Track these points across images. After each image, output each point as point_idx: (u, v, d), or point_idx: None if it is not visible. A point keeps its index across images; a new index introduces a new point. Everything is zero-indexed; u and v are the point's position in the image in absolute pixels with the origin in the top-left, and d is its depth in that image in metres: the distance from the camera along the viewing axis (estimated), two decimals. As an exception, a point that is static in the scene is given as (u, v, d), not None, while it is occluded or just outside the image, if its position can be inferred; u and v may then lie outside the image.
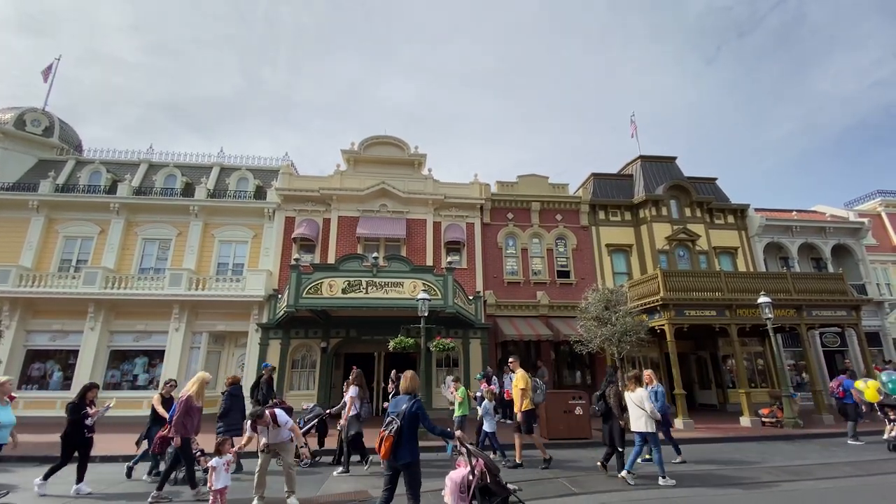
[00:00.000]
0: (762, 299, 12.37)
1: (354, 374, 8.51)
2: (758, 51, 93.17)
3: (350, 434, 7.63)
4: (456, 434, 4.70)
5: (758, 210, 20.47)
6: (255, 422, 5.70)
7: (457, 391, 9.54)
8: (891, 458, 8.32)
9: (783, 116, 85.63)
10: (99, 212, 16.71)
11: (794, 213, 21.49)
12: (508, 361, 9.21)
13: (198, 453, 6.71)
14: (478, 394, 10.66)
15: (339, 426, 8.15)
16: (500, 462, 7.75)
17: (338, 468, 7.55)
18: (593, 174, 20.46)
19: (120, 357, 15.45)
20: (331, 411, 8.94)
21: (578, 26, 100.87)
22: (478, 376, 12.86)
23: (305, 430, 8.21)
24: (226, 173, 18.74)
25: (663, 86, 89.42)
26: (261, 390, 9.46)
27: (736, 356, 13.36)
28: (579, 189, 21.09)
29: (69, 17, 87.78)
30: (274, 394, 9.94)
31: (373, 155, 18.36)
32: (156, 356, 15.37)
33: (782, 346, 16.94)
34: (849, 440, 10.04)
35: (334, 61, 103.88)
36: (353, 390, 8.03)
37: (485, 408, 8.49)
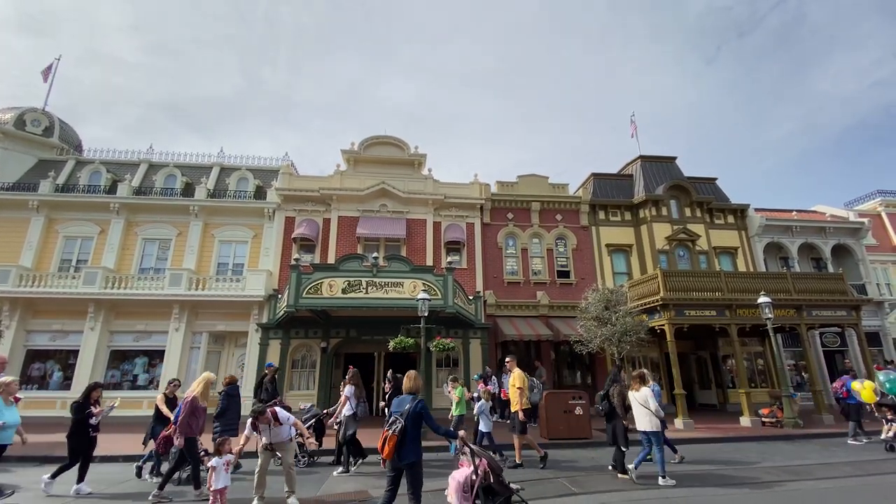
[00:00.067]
0: (762, 299, 12.37)
1: (351, 374, 8.53)
2: (758, 51, 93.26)
3: (348, 434, 7.65)
4: (459, 434, 4.71)
5: (758, 210, 20.47)
6: (256, 420, 5.67)
7: (454, 391, 9.58)
8: (890, 458, 8.32)
9: (783, 116, 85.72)
10: (99, 212, 16.71)
11: (794, 213, 21.49)
12: (505, 361, 9.22)
13: (202, 453, 6.72)
14: (475, 394, 10.68)
15: (333, 425, 8.14)
16: (498, 462, 7.75)
17: (338, 468, 7.56)
18: (593, 174, 20.46)
19: (120, 357, 15.46)
20: (328, 411, 8.95)
21: (578, 26, 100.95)
22: (475, 377, 12.87)
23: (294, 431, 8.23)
24: (226, 173, 18.74)
25: (663, 86, 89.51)
26: (265, 390, 9.45)
27: (736, 356, 13.36)
28: (579, 189, 21.10)
29: (69, 17, 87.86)
30: (278, 393, 9.97)
31: (373, 155, 18.37)
32: (156, 356, 15.37)
33: (782, 346, 16.94)
34: (849, 440, 10.05)
35: (334, 61, 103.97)
36: (348, 389, 8.06)
37: (480, 407, 8.51)
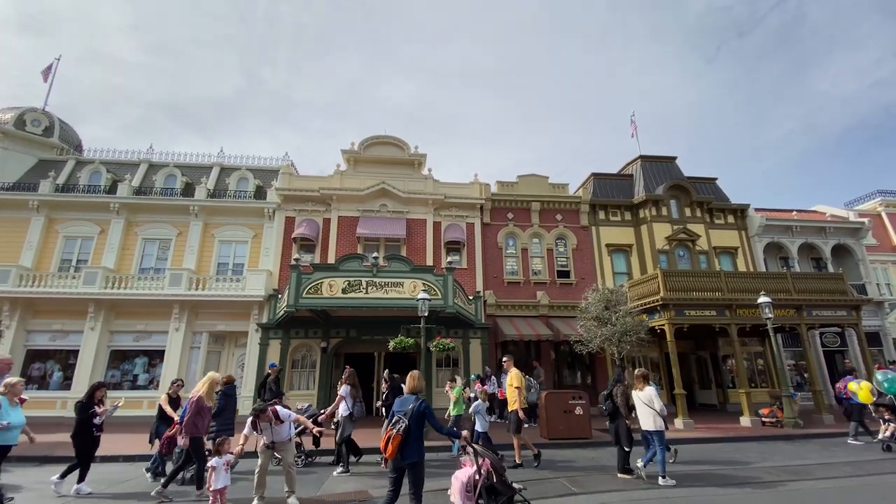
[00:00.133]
0: (762, 299, 12.37)
1: (347, 374, 8.54)
2: (758, 51, 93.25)
3: (345, 434, 7.67)
4: (462, 434, 4.72)
5: (758, 210, 20.47)
6: (257, 418, 5.65)
7: (452, 391, 9.62)
8: (890, 459, 8.32)
9: (783, 116, 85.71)
10: (99, 212, 16.71)
11: (794, 213, 21.48)
12: (502, 361, 9.23)
13: (207, 453, 6.73)
14: (472, 394, 10.71)
15: (331, 425, 8.14)
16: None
17: (338, 468, 7.56)
18: (593, 174, 20.46)
19: (120, 357, 15.46)
20: (325, 411, 8.96)
21: (578, 26, 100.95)
22: (472, 377, 12.87)
23: (300, 430, 8.24)
24: (226, 173, 18.74)
25: (663, 86, 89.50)
26: (269, 390, 9.46)
27: (736, 356, 13.36)
28: (579, 189, 21.10)
29: (69, 17, 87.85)
30: (282, 393, 9.99)
31: (373, 155, 18.37)
32: (156, 356, 15.37)
33: (782, 345, 16.94)
34: (849, 440, 10.05)
35: (334, 61, 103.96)
36: (343, 389, 8.07)
37: (476, 407, 8.53)
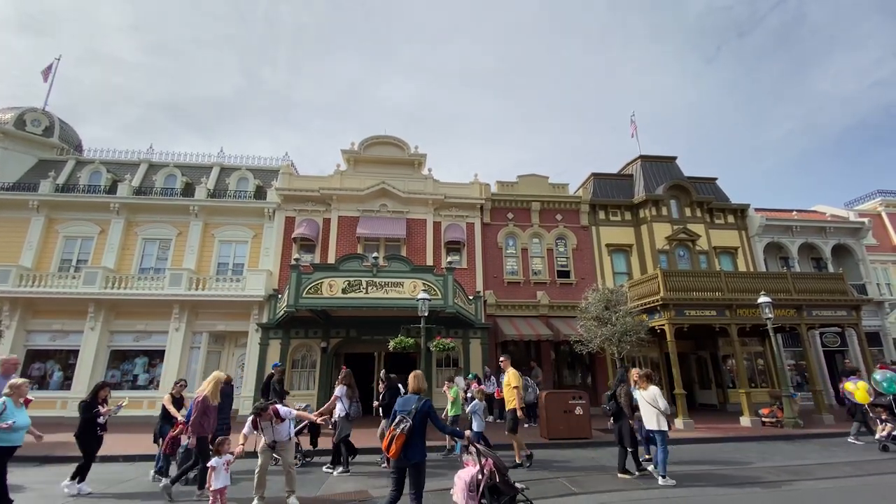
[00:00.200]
0: (762, 299, 12.37)
1: (343, 374, 8.56)
2: (758, 51, 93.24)
3: (343, 435, 7.69)
4: (465, 434, 4.71)
5: (758, 210, 20.47)
6: (258, 417, 5.64)
7: (449, 391, 9.62)
8: (890, 459, 8.32)
9: (783, 116, 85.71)
10: (99, 212, 16.71)
11: (795, 212, 21.48)
12: (500, 361, 9.23)
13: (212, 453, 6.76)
14: (468, 394, 10.71)
15: (329, 425, 8.13)
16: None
17: (338, 468, 7.56)
18: (593, 174, 20.46)
19: (120, 357, 15.46)
20: (321, 411, 8.97)
21: (578, 26, 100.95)
22: (469, 376, 12.88)
23: (298, 430, 8.25)
24: (226, 173, 18.74)
25: (663, 86, 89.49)
26: (273, 390, 9.46)
27: (736, 356, 13.36)
28: (579, 189, 21.10)
29: (69, 17, 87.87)
30: (286, 393, 10.01)
31: (373, 155, 18.37)
32: (156, 356, 15.37)
33: (782, 345, 16.93)
34: (850, 438, 10.03)
35: (334, 61, 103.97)
36: (339, 389, 8.07)
37: (474, 407, 8.54)
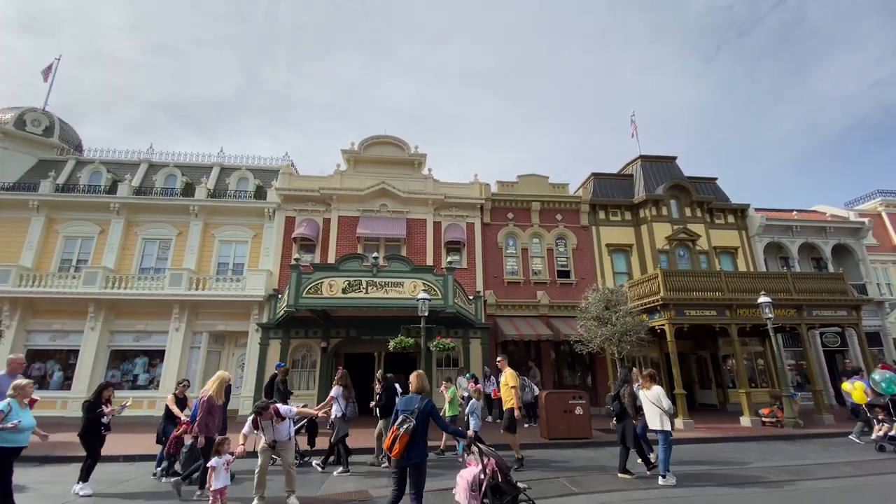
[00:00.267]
0: (762, 299, 12.37)
1: (339, 375, 8.59)
2: (758, 50, 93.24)
3: (340, 435, 7.72)
4: (468, 434, 4.71)
5: (758, 210, 20.46)
6: (259, 416, 5.64)
7: (446, 391, 9.63)
8: (890, 459, 8.32)
9: (783, 116, 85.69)
10: (99, 212, 16.71)
11: (795, 212, 21.48)
12: (497, 361, 9.23)
13: None
14: (465, 393, 10.70)
15: (327, 425, 8.14)
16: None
17: (338, 468, 7.57)
18: (593, 174, 20.45)
19: (120, 357, 15.46)
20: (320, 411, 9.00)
21: (578, 26, 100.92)
22: (467, 376, 12.92)
23: (296, 429, 8.28)
24: (226, 173, 18.74)
25: (663, 85, 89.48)
26: (277, 390, 9.49)
27: (736, 356, 13.35)
28: (579, 189, 21.09)
29: (69, 17, 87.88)
30: (290, 393, 10.04)
31: (373, 155, 18.36)
32: (156, 356, 15.37)
33: (782, 345, 16.93)
34: (853, 436, 10.02)
35: (334, 61, 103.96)
36: (335, 390, 8.10)
37: (472, 406, 8.52)
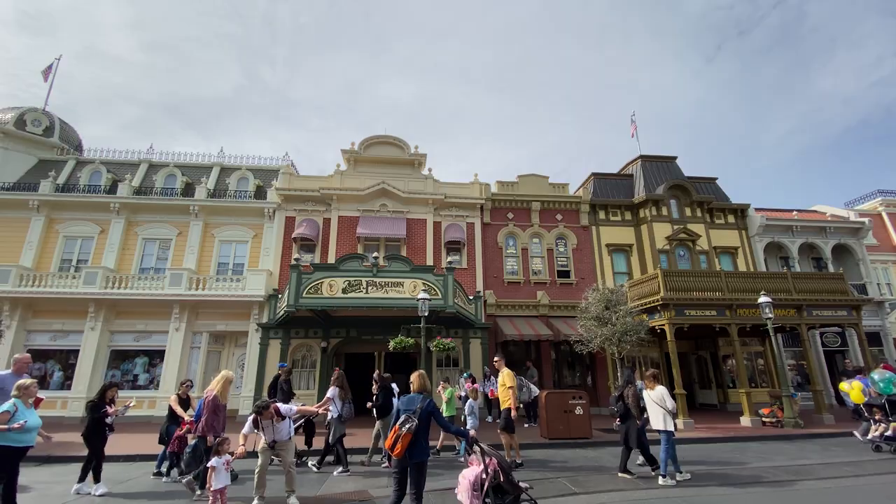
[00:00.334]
0: (762, 299, 12.37)
1: (335, 375, 8.60)
2: (758, 50, 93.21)
3: (338, 435, 7.73)
4: (470, 433, 4.71)
5: (758, 210, 20.46)
6: (259, 415, 5.64)
7: (444, 392, 9.64)
8: (890, 459, 8.32)
9: (783, 115, 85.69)
10: (99, 212, 16.71)
11: (795, 212, 21.47)
12: (494, 361, 9.23)
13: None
14: (462, 393, 10.69)
15: (325, 425, 8.15)
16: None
17: (338, 468, 7.57)
18: (593, 174, 20.45)
19: (120, 357, 15.46)
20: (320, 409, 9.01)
21: (579, 26, 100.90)
22: (464, 375, 12.93)
23: (294, 428, 8.30)
24: (226, 173, 18.74)
25: (664, 85, 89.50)
26: (281, 389, 9.50)
27: (736, 356, 13.35)
28: (579, 189, 21.09)
29: (68, 17, 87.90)
30: (294, 392, 10.06)
31: (373, 155, 18.36)
32: (156, 356, 15.37)
33: (782, 345, 16.93)
34: (857, 434, 10.01)
35: (334, 60, 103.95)
36: (331, 391, 8.10)
37: (470, 406, 8.51)
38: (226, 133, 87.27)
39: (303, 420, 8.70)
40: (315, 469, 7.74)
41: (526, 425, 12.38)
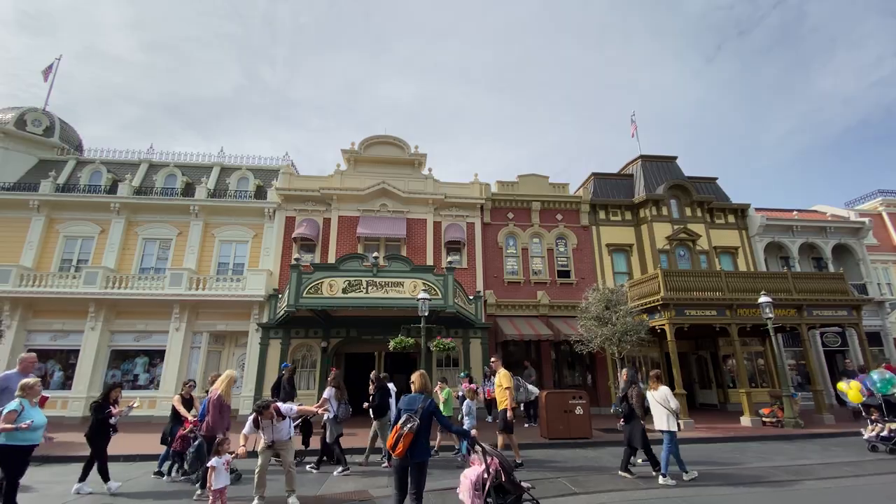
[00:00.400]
0: (763, 299, 12.36)
1: (332, 376, 8.63)
2: (758, 50, 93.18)
3: (335, 435, 7.74)
4: (471, 433, 4.71)
5: (758, 210, 20.45)
6: (260, 414, 5.63)
7: (441, 392, 9.64)
8: (890, 459, 8.32)
9: (784, 115, 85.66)
10: (99, 212, 16.71)
11: (795, 212, 21.45)
12: (490, 361, 9.22)
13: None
14: (460, 393, 10.68)
15: (322, 424, 8.15)
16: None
17: (337, 468, 7.57)
18: (594, 174, 20.44)
19: (120, 357, 15.46)
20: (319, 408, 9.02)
21: (579, 26, 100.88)
22: (462, 374, 12.91)
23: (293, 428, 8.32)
24: (226, 173, 18.74)
25: (664, 85, 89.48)
26: (284, 389, 9.51)
27: (736, 356, 13.35)
28: (580, 189, 21.08)
29: (68, 17, 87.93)
30: (296, 392, 10.08)
31: (373, 155, 18.36)
32: (156, 356, 15.37)
33: (783, 345, 16.92)
34: (864, 430, 9.98)
35: (334, 60, 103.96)
36: (327, 391, 8.11)
37: (467, 406, 8.50)
38: (226, 133, 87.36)
39: (299, 420, 8.71)
40: (314, 471, 7.70)
41: (526, 425, 12.38)
